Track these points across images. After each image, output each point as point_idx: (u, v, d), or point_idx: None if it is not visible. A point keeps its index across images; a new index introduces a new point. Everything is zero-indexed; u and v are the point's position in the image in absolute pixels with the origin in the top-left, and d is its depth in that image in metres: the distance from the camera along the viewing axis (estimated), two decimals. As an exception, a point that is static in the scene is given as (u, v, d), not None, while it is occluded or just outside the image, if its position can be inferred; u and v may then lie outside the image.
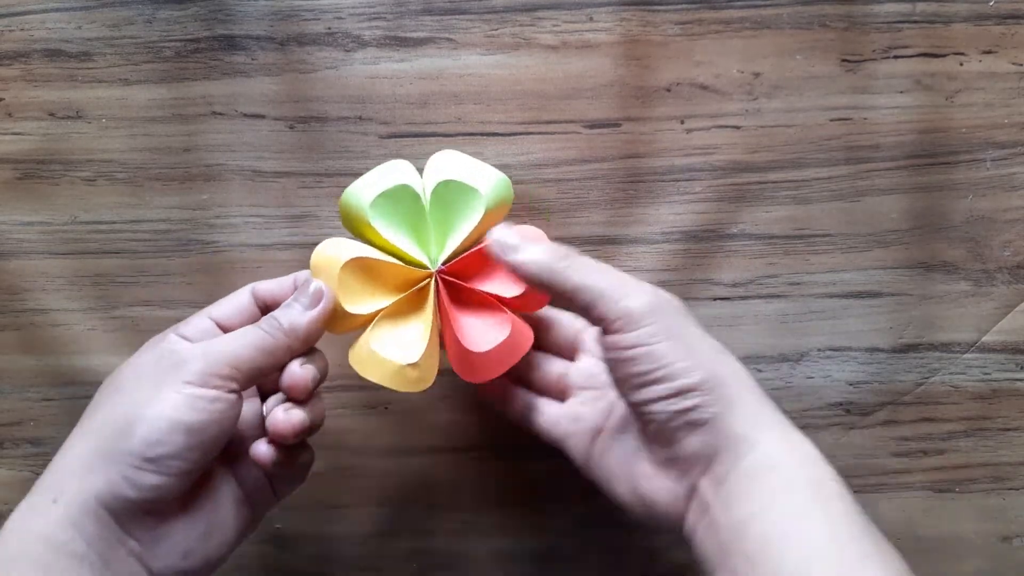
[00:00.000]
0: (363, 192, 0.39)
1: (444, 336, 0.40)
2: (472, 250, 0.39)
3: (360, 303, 0.38)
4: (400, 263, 0.39)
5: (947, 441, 0.47)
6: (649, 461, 0.35)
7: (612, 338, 0.33)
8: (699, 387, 0.33)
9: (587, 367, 0.41)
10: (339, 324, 0.38)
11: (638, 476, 0.35)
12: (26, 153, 0.46)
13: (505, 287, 0.40)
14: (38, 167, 0.46)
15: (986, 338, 0.46)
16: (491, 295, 0.40)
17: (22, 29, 0.45)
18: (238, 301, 0.38)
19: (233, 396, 0.34)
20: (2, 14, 0.45)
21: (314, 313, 0.36)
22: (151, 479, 0.32)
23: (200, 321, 0.37)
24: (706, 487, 0.33)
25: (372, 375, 0.38)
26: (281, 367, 0.36)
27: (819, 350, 0.46)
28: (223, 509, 0.36)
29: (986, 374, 0.47)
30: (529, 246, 0.35)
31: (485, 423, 0.47)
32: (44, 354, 0.47)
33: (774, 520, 0.30)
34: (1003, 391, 0.47)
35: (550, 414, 0.40)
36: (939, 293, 0.46)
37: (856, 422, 0.47)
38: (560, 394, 0.41)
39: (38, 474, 0.48)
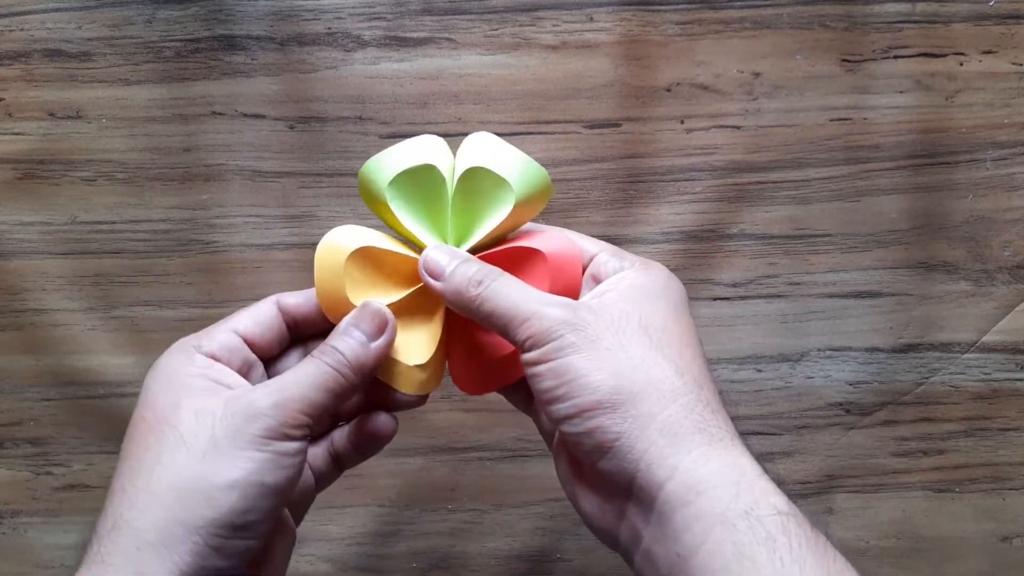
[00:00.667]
0: (385, 166, 0.35)
1: (449, 339, 0.37)
2: (493, 249, 0.36)
3: (368, 296, 0.35)
4: (412, 254, 0.35)
5: (947, 441, 0.47)
6: (580, 477, 0.32)
7: (521, 356, 0.31)
8: (600, 406, 0.29)
9: None
10: (343, 313, 0.35)
11: (575, 490, 0.32)
12: (26, 153, 0.46)
13: None
14: (38, 167, 0.46)
15: (986, 338, 0.46)
16: None
17: (22, 29, 0.45)
18: (263, 314, 0.34)
19: (307, 444, 0.31)
20: (2, 14, 0.45)
21: (380, 344, 0.33)
22: (242, 545, 0.29)
23: (225, 337, 0.33)
24: (634, 514, 0.30)
25: (378, 372, 0.35)
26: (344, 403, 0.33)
27: (819, 350, 0.46)
28: (281, 544, 0.34)
29: (986, 374, 0.46)
30: (447, 271, 0.33)
31: (485, 423, 0.47)
32: (44, 354, 0.47)
33: (708, 562, 0.27)
34: (1003, 391, 0.47)
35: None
36: (939, 293, 0.46)
37: (856, 422, 0.47)
38: None
39: (38, 474, 0.48)
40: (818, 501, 0.47)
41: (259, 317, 0.34)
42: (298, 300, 0.35)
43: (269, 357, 0.35)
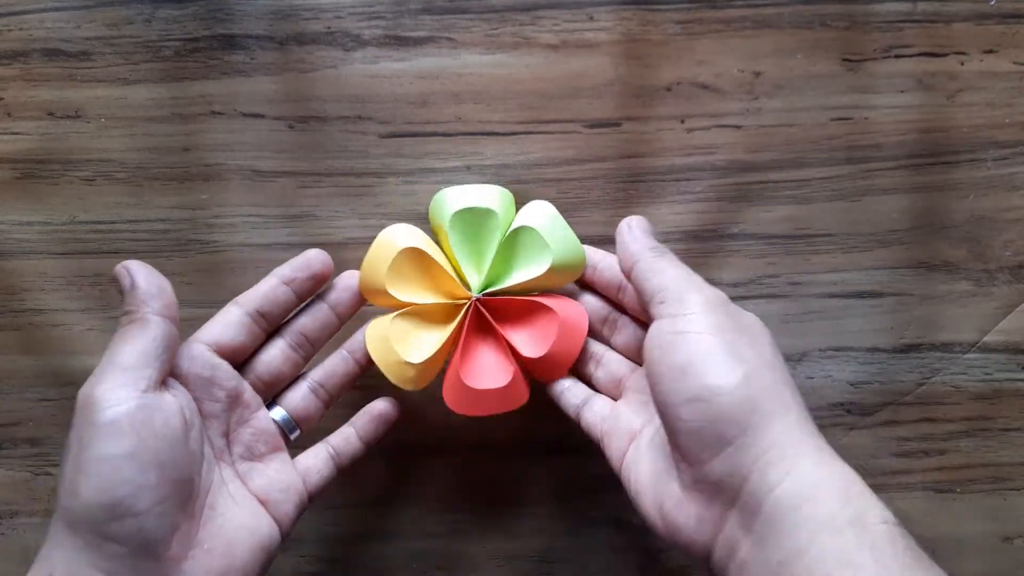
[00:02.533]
0: (457, 198, 0.41)
1: (451, 356, 0.42)
2: (518, 297, 0.41)
3: (401, 289, 0.40)
4: (452, 272, 0.41)
5: (948, 441, 0.47)
6: (678, 481, 0.31)
7: (656, 324, 0.32)
8: (731, 393, 0.29)
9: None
10: (377, 298, 0.41)
11: (665, 496, 0.32)
12: (25, 153, 0.46)
13: (527, 344, 0.41)
14: (37, 167, 0.46)
15: (987, 338, 0.46)
16: (509, 343, 0.41)
17: (21, 28, 0.45)
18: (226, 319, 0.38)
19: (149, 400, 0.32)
20: (1, 13, 0.45)
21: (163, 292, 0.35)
22: (120, 529, 0.30)
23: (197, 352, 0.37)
24: (735, 523, 0.29)
25: (375, 354, 0.40)
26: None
27: (820, 350, 0.46)
28: (233, 519, 0.34)
29: (987, 374, 0.46)
30: (635, 233, 0.37)
31: (485, 423, 0.47)
32: (43, 354, 0.47)
33: (812, 567, 0.26)
34: (1004, 391, 0.47)
35: (597, 409, 0.40)
36: (940, 293, 0.46)
37: (857, 422, 0.47)
38: (616, 394, 0.41)
39: (37, 475, 0.48)
40: (819, 501, 0.47)
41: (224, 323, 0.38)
42: (257, 299, 0.39)
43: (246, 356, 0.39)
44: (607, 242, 0.46)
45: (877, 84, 0.45)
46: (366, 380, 0.46)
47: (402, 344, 0.40)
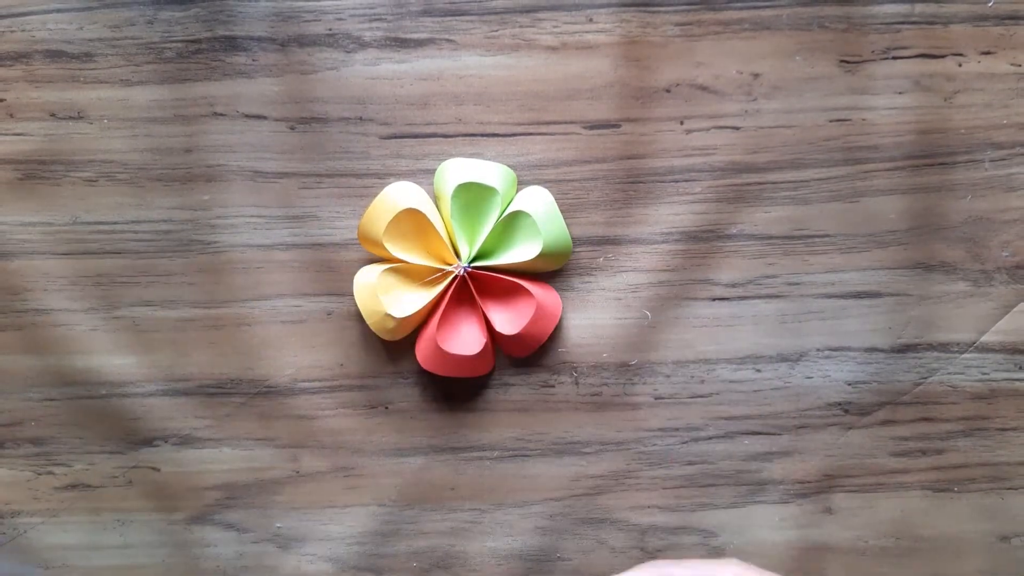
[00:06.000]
0: (460, 171, 0.43)
1: (429, 317, 0.44)
2: (503, 276, 0.43)
3: (396, 245, 0.43)
4: (446, 239, 0.43)
5: (945, 441, 0.47)
6: None
7: None
8: None
9: None
10: (371, 247, 0.43)
11: None
12: (28, 154, 0.46)
13: (504, 320, 0.44)
14: (40, 168, 0.46)
15: (985, 338, 0.47)
16: (487, 317, 0.44)
17: (23, 30, 0.45)
18: None
19: None
20: (3, 15, 0.45)
21: None
22: None
23: None
24: None
25: (360, 300, 0.43)
26: None
27: (818, 350, 0.47)
28: None
29: (984, 374, 0.47)
30: None
31: (485, 423, 0.47)
32: (45, 354, 0.47)
33: None
34: (1001, 391, 0.47)
35: None
36: (938, 293, 0.46)
37: (854, 422, 0.47)
38: None
39: (39, 474, 0.48)
40: (817, 501, 0.47)
41: None
42: None
43: None
44: (607, 242, 0.46)
45: (875, 85, 0.45)
46: (367, 381, 0.47)
47: (387, 296, 0.42)
